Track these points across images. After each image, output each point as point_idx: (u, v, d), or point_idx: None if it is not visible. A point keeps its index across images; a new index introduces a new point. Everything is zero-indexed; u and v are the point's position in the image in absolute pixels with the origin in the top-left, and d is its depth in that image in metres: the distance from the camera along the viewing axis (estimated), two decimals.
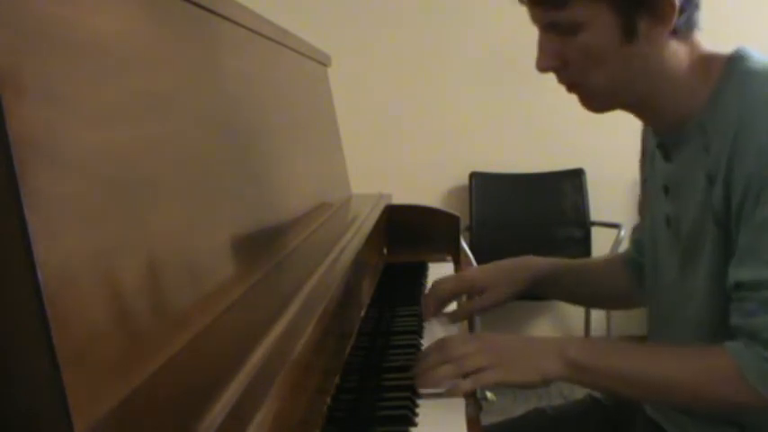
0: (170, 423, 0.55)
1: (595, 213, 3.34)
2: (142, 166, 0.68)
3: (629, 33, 0.95)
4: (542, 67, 1.01)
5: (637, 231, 1.29)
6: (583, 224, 3.34)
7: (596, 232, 3.32)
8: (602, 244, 3.26)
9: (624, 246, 3.06)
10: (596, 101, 1.03)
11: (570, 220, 3.37)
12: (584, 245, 3.33)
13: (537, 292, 1.35)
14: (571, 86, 1.03)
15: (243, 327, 0.76)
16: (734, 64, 0.98)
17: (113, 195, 0.61)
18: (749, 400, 0.91)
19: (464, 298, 1.40)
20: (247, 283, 0.88)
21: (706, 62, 1.00)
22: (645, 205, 1.19)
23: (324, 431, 0.85)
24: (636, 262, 1.25)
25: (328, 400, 0.92)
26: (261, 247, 1.00)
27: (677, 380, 0.96)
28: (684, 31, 0.98)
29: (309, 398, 0.81)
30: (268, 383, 0.63)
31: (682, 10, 0.95)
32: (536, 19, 1.00)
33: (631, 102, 1.03)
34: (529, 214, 3.38)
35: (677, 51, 0.98)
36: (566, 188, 3.38)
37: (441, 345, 1.03)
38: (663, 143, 1.07)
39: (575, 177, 3.35)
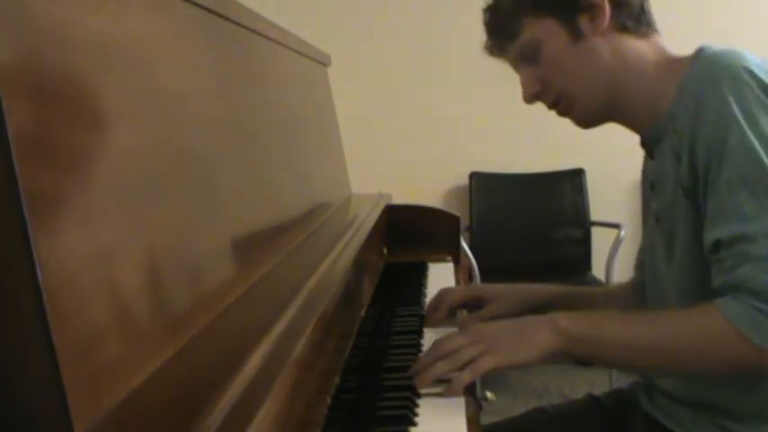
0: (170, 423, 0.55)
1: (595, 213, 3.34)
2: (142, 165, 0.68)
3: (574, 33, 1.09)
4: (528, 95, 1.16)
5: (639, 255, 1.30)
6: (583, 224, 3.34)
7: (596, 232, 3.32)
8: (602, 244, 3.25)
9: (624, 247, 3.05)
10: (581, 108, 1.13)
11: (570, 220, 3.37)
12: (584, 245, 3.32)
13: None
14: (557, 105, 1.14)
15: (243, 327, 0.76)
16: (696, 56, 1.05)
17: (113, 195, 0.61)
18: (745, 353, 0.90)
19: (464, 312, 1.39)
20: (247, 283, 0.88)
21: (674, 62, 1.09)
22: (646, 228, 1.21)
23: (324, 431, 0.85)
24: (643, 284, 1.25)
25: (328, 400, 0.92)
26: (261, 247, 1.00)
27: (673, 342, 0.96)
28: (635, 27, 1.09)
29: (309, 398, 0.81)
30: (268, 383, 0.63)
31: (619, 6, 1.08)
32: (510, 62, 1.18)
33: (609, 102, 1.11)
34: (529, 214, 3.38)
35: (637, 48, 1.09)
36: (566, 188, 3.38)
37: (434, 344, 1.03)
38: (645, 141, 1.14)
39: (575, 177, 3.35)
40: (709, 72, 0.99)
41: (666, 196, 1.06)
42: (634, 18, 1.09)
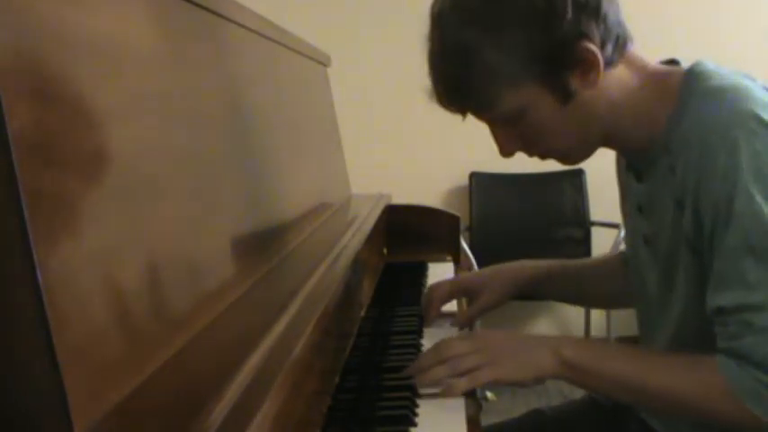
0: (170, 423, 0.55)
1: (595, 213, 3.34)
2: (142, 166, 0.68)
3: (565, 95, 0.96)
4: (506, 154, 1.05)
5: (625, 239, 1.29)
6: (583, 224, 3.34)
7: (596, 232, 3.32)
8: (602, 244, 3.25)
9: (623, 246, 3.05)
10: (571, 158, 1.06)
11: (570, 220, 3.37)
12: (584, 245, 3.33)
13: (534, 294, 1.35)
14: (542, 156, 1.06)
15: (243, 327, 0.76)
16: (692, 82, 0.97)
17: (113, 195, 0.61)
18: (744, 419, 0.90)
19: (464, 304, 1.40)
20: (247, 283, 0.88)
21: (660, 80, 1.00)
22: (624, 212, 1.20)
23: (324, 431, 0.85)
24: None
25: (328, 399, 0.92)
26: (261, 247, 1.00)
27: (671, 392, 0.96)
28: (618, 53, 0.97)
29: (309, 398, 0.81)
30: (268, 383, 0.63)
31: (604, 43, 0.95)
32: (477, 118, 1.04)
33: (601, 140, 1.04)
34: (529, 214, 3.38)
35: (620, 77, 0.99)
36: (566, 188, 3.38)
37: (437, 346, 1.03)
38: (633, 166, 1.08)
39: (575, 177, 3.35)
40: (711, 117, 0.92)
41: (664, 233, 1.02)
42: (614, 43, 0.96)
